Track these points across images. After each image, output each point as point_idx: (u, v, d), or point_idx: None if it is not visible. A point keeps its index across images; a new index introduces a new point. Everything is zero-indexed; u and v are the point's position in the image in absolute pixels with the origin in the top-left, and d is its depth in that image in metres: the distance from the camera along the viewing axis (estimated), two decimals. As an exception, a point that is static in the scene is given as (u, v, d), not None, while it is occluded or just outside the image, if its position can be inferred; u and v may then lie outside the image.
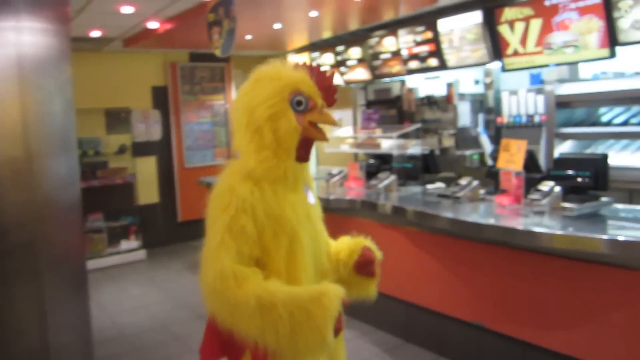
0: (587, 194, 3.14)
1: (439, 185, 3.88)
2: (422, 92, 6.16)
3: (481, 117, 5.62)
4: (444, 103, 5.76)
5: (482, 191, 3.64)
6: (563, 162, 3.36)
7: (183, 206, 7.48)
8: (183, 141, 7.48)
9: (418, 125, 4.92)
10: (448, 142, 5.65)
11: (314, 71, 1.65)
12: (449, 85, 5.68)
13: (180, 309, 4.89)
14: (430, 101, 5.91)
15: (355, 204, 3.97)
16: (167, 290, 5.49)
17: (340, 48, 6.67)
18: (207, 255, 1.50)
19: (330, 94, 1.66)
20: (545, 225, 2.72)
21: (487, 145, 5.43)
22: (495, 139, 5.19)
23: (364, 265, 1.78)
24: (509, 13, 4.79)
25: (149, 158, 7.31)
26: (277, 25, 5.66)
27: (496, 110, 5.39)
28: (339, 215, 4.23)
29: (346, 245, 1.83)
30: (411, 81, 6.29)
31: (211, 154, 7.75)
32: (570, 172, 3.16)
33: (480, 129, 5.61)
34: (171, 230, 7.48)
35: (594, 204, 3.10)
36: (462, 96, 5.67)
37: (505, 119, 5.17)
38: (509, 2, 4.78)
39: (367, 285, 1.83)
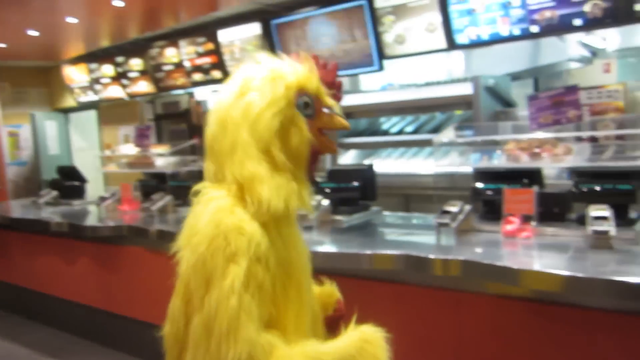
0: (358, 205, 3.13)
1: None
2: (211, 105, 5.87)
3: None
4: (233, 116, 5.54)
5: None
6: (334, 174, 3.33)
7: None
8: None
9: (194, 141, 4.61)
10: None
11: (314, 63, 1.27)
12: (238, 97, 5.47)
13: None
14: (219, 114, 5.64)
15: (121, 231, 3.51)
16: None
17: (120, 59, 6.10)
18: (221, 327, 1.05)
19: (337, 91, 1.30)
20: (311, 242, 2.59)
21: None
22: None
23: (335, 322, 1.43)
24: (286, 25, 4.73)
25: None
26: (32, 32, 4.90)
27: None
28: (105, 245, 3.72)
29: (318, 296, 1.46)
30: (200, 93, 5.95)
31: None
32: (337, 184, 3.11)
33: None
34: None
35: (363, 214, 3.10)
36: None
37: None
38: (285, 15, 4.73)
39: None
